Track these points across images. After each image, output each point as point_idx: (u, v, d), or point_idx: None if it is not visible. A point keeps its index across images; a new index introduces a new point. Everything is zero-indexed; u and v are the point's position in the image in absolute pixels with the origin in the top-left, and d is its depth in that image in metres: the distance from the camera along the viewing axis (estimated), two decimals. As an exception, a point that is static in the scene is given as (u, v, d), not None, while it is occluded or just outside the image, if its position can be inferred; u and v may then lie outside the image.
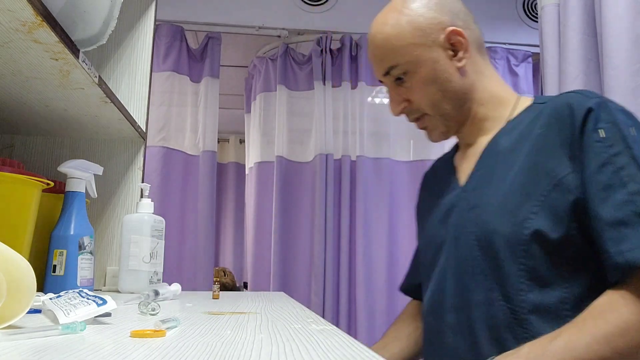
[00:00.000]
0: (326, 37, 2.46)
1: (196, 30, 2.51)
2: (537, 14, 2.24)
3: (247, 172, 2.64)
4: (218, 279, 3.16)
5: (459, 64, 0.84)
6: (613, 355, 0.63)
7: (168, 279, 1.10)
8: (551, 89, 1.44)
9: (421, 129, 0.90)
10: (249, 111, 2.67)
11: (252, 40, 2.67)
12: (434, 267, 0.88)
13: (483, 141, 0.86)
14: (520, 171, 0.77)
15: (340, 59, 2.48)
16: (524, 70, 2.56)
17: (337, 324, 2.25)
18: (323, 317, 0.72)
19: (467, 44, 0.84)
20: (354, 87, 2.45)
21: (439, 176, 0.97)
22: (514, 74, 2.55)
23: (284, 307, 0.83)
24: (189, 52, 2.40)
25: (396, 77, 0.86)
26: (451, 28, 0.83)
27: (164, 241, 1.12)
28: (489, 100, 0.86)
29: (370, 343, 2.15)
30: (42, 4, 0.65)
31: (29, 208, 0.84)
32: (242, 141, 3.69)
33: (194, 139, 2.36)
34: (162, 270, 1.11)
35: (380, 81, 0.90)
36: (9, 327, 0.51)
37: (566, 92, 0.80)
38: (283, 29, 2.52)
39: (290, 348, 0.45)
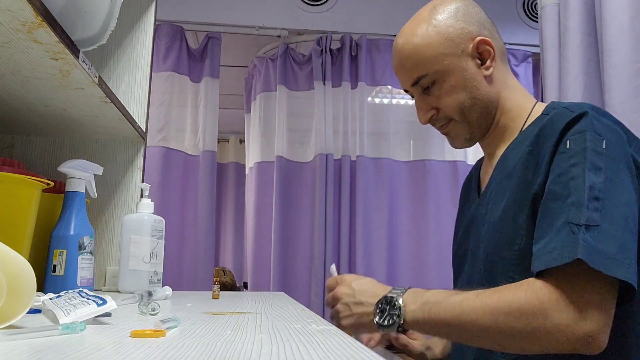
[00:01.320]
0: (326, 37, 2.46)
1: (196, 30, 2.50)
2: (537, 14, 2.24)
3: (247, 172, 2.64)
4: (218, 279, 3.16)
5: (487, 72, 0.87)
6: (493, 327, 0.68)
7: (168, 279, 1.10)
8: (551, 89, 1.44)
9: (444, 134, 0.92)
10: (249, 111, 2.67)
11: (252, 40, 2.66)
12: (460, 275, 0.94)
13: (499, 153, 0.88)
14: (514, 189, 0.79)
15: (340, 59, 2.47)
16: (524, 70, 2.55)
17: (337, 324, 2.25)
18: (323, 317, 0.72)
19: (494, 53, 0.87)
20: (354, 87, 2.45)
21: (471, 183, 1.00)
22: (514, 74, 2.54)
23: (284, 307, 0.83)
24: (189, 52, 2.40)
25: (425, 87, 0.87)
26: (480, 38, 0.86)
27: (164, 241, 1.12)
28: (511, 109, 0.88)
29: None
30: (42, 4, 0.65)
31: (29, 208, 0.84)
32: (242, 141, 3.68)
33: (194, 139, 2.35)
34: (162, 270, 1.11)
35: (406, 90, 0.92)
36: (9, 327, 0.51)
37: (560, 107, 0.80)
38: (283, 29, 2.51)
39: (290, 348, 0.45)
